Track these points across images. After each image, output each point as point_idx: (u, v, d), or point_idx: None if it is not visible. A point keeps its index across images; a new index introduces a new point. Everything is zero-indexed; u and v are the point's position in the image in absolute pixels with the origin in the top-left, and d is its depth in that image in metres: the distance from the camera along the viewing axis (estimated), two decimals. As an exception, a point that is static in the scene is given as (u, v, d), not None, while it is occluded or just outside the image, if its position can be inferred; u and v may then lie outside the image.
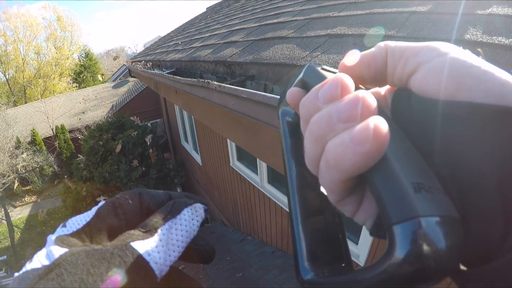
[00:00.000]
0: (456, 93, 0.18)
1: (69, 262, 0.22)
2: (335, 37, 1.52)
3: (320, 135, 0.20)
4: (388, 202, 0.17)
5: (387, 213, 0.17)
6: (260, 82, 1.64)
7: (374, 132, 0.17)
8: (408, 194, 0.17)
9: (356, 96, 0.19)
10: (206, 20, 5.18)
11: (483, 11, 1.19)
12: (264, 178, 4.28)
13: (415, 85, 0.20)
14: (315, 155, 0.21)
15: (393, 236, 0.17)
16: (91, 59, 25.63)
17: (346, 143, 0.18)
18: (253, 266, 4.10)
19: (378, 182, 0.18)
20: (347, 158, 0.18)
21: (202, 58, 2.45)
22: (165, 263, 0.26)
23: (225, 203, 6.08)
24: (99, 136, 7.57)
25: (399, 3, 1.62)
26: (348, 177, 0.19)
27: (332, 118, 0.19)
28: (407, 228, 0.16)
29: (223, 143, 5.17)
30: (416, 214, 0.16)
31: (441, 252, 0.16)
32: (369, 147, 0.17)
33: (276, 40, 1.88)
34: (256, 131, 1.65)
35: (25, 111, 15.88)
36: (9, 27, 21.59)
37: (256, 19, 2.82)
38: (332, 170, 0.19)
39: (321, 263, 0.22)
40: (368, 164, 0.18)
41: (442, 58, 0.19)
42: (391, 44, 0.23)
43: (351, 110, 0.18)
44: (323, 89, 0.21)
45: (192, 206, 0.30)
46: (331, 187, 0.21)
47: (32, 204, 13.49)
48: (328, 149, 0.19)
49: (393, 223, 0.17)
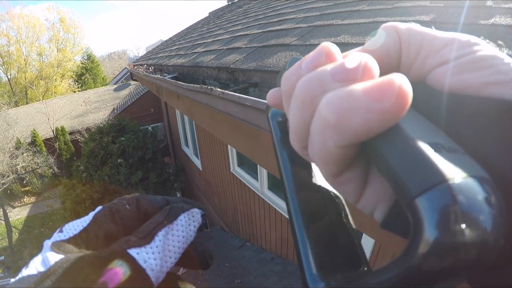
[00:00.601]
0: (484, 88, 0.16)
1: (64, 269, 0.22)
2: (339, 46, 1.50)
3: (309, 96, 0.17)
4: (402, 171, 0.14)
5: (403, 186, 0.14)
6: (263, 90, 1.64)
7: (400, 90, 0.14)
8: (427, 155, 0.13)
9: (357, 56, 0.16)
10: (209, 25, 5.20)
11: (486, 21, 1.20)
12: (264, 185, 4.28)
13: (436, 79, 0.18)
14: (303, 122, 0.18)
15: (417, 214, 0.13)
16: (93, 61, 25.73)
17: (357, 97, 0.15)
18: (252, 273, 4.08)
19: (385, 149, 0.15)
20: (356, 116, 0.15)
21: (205, 64, 2.46)
22: (162, 269, 0.26)
23: (224, 208, 6.08)
24: (99, 139, 7.57)
25: (402, 12, 1.63)
26: (350, 142, 0.16)
27: (325, 76, 0.16)
28: (434, 197, 0.13)
29: (224, 149, 5.18)
30: (443, 177, 0.13)
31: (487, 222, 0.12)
32: (390, 106, 0.14)
33: (279, 47, 1.89)
34: (258, 137, 1.64)
35: (26, 111, 15.92)
36: (12, 27, 21.68)
37: (259, 25, 2.83)
38: (330, 130, 0.16)
39: (333, 269, 0.19)
40: (382, 127, 0.15)
41: (470, 55, 0.18)
42: (401, 27, 0.20)
43: (350, 69, 0.16)
44: (306, 59, 0.19)
45: (189, 212, 0.30)
46: (326, 156, 0.17)
47: (31, 205, 13.48)
48: (325, 102, 0.16)
49: (414, 196, 0.13)
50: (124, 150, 7.32)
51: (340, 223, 0.21)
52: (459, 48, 0.18)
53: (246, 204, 4.97)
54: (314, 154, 0.18)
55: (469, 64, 0.17)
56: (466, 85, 0.17)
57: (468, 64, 0.17)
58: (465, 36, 0.18)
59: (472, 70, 0.17)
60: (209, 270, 4.45)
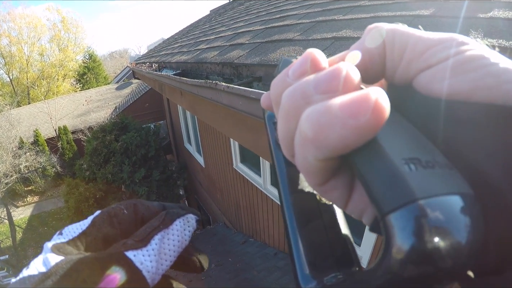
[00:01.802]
0: (473, 94, 0.16)
1: (64, 269, 0.23)
2: (341, 40, 1.55)
3: (293, 108, 0.17)
4: (375, 187, 0.14)
5: (376, 202, 0.14)
6: (267, 84, 1.66)
7: (376, 105, 0.14)
8: (401, 173, 0.14)
9: (338, 67, 0.16)
10: (211, 23, 5.21)
11: (484, 15, 1.21)
12: (267, 180, 4.29)
13: (420, 84, 0.18)
14: (288, 133, 0.18)
15: (388, 230, 0.13)
16: (95, 60, 25.66)
17: (334, 113, 0.15)
18: (255, 268, 4.10)
19: (362, 163, 0.15)
20: (332, 132, 0.15)
21: (208, 60, 2.48)
22: (157, 271, 0.27)
23: (227, 205, 6.08)
24: (102, 137, 7.58)
25: (403, 6, 1.65)
26: (328, 156, 0.16)
27: (308, 88, 0.16)
28: (403, 216, 0.13)
29: (226, 145, 5.19)
30: (413, 197, 0.13)
31: (457, 243, 0.13)
32: (365, 122, 0.14)
33: (282, 42, 1.91)
34: (262, 131, 1.67)
35: (29, 111, 15.92)
36: (13, 28, 21.64)
37: (261, 21, 2.85)
38: (308, 145, 0.16)
39: (325, 269, 0.19)
40: (358, 142, 0.15)
41: (456, 57, 0.17)
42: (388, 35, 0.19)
43: (331, 80, 0.16)
44: (293, 66, 0.19)
45: (184, 217, 0.31)
46: (307, 168, 0.18)
47: (34, 204, 13.52)
48: (304, 117, 0.16)
49: (385, 213, 0.14)
50: (127, 148, 7.32)
51: (333, 224, 0.21)
52: (445, 48, 0.17)
53: (249, 200, 4.99)
54: (297, 164, 0.18)
55: (457, 66, 0.16)
56: (455, 91, 0.16)
57: (456, 67, 0.16)
58: (452, 36, 0.18)
59: (460, 73, 0.16)
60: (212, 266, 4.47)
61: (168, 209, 0.32)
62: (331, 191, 0.19)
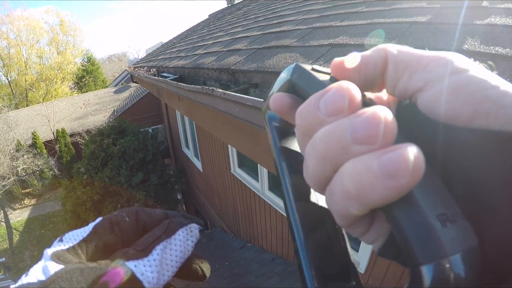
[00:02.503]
0: (472, 120, 0.16)
1: (64, 279, 0.23)
2: (337, 47, 1.55)
3: (329, 155, 0.17)
4: (412, 239, 0.16)
5: (412, 252, 0.16)
6: (263, 90, 1.66)
7: (414, 166, 0.15)
8: (435, 230, 0.15)
9: (376, 115, 0.16)
10: (209, 27, 5.22)
11: (481, 21, 1.22)
12: (265, 185, 4.29)
13: (424, 105, 0.18)
14: (322, 176, 0.18)
15: (420, 277, 0.16)
16: (93, 63, 25.69)
17: (375, 173, 0.15)
18: (253, 273, 4.09)
19: (399, 215, 0.16)
20: (374, 191, 0.15)
21: (205, 66, 2.48)
22: (159, 282, 0.26)
23: (225, 209, 6.08)
24: (100, 141, 7.57)
25: (399, 13, 1.65)
26: (368, 209, 0.17)
27: (345, 137, 0.16)
28: (436, 269, 0.15)
29: (224, 150, 5.19)
30: (445, 254, 0.15)
31: (466, 284, 0.15)
32: (404, 183, 0.15)
33: (279, 48, 1.91)
34: (259, 138, 1.66)
35: (27, 114, 15.91)
36: (12, 30, 21.71)
37: (259, 27, 2.86)
38: (351, 200, 0.16)
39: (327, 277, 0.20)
40: (396, 198, 0.16)
41: (455, 78, 0.17)
42: (392, 50, 0.20)
43: (370, 131, 0.16)
44: (325, 98, 0.18)
45: (188, 227, 0.31)
46: (344, 215, 0.18)
47: (32, 207, 13.48)
48: (347, 174, 0.16)
49: (420, 263, 0.16)
50: (125, 152, 7.30)
51: (336, 233, 0.22)
52: (444, 66, 0.18)
53: (246, 205, 4.98)
54: (332, 206, 0.19)
55: (458, 88, 0.17)
56: (456, 116, 0.17)
57: (457, 89, 0.17)
58: (449, 55, 0.18)
59: (461, 95, 0.17)
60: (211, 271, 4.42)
61: (170, 218, 0.31)
62: (355, 227, 0.20)
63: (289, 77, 0.23)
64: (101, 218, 0.30)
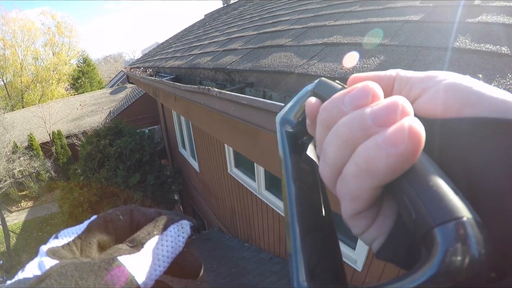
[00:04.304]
0: (461, 110, 0.19)
1: (59, 273, 0.23)
2: (331, 46, 1.56)
3: (350, 138, 0.19)
4: (427, 202, 0.16)
5: (426, 214, 0.16)
6: (259, 89, 1.67)
7: (409, 133, 0.17)
8: (450, 193, 0.16)
9: (395, 101, 0.18)
10: (205, 28, 5.22)
11: (473, 19, 1.23)
12: (261, 185, 4.29)
13: (420, 108, 0.21)
14: (340, 161, 0.20)
15: (434, 240, 0.15)
16: (89, 64, 25.63)
17: (379, 145, 0.17)
18: (250, 273, 4.08)
19: (412, 184, 0.17)
20: (380, 161, 0.17)
21: (201, 65, 2.48)
22: (150, 277, 0.27)
23: (222, 209, 6.07)
24: (96, 142, 7.54)
25: (393, 12, 1.67)
26: (381, 183, 0.18)
27: (366, 120, 0.18)
28: (453, 228, 0.15)
29: (221, 150, 5.18)
30: (461, 214, 0.15)
31: (483, 257, 0.15)
32: (403, 149, 0.17)
33: (274, 48, 1.92)
34: (254, 136, 1.67)
35: (23, 116, 15.83)
36: (7, 31, 21.60)
37: (254, 27, 2.86)
38: (363, 175, 0.18)
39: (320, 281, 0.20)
40: (403, 167, 0.17)
41: (445, 82, 0.20)
42: (400, 72, 0.23)
43: (389, 114, 0.18)
44: (351, 94, 0.21)
45: (179, 223, 0.31)
46: (358, 195, 0.19)
47: (28, 209, 13.42)
48: (359, 152, 0.18)
49: (435, 225, 0.15)
50: (122, 152, 7.28)
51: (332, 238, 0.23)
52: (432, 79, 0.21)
53: (243, 205, 4.97)
54: (344, 191, 0.20)
55: (447, 88, 0.20)
56: (446, 108, 0.19)
57: (446, 88, 0.20)
58: (440, 72, 0.21)
59: (448, 94, 0.19)
60: (208, 271, 4.46)
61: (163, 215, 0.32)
62: (360, 219, 0.21)
63: (313, 87, 0.25)
64: (95, 216, 0.31)
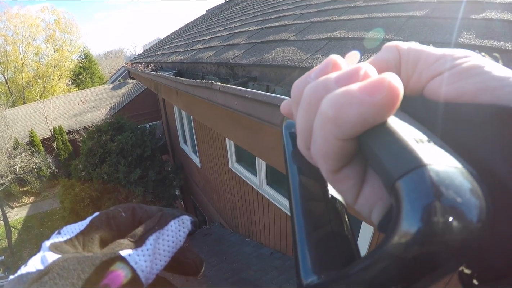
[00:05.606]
0: (478, 95, 0.17)
1: (61, 267, 0.24)
2: (335, 41, 1.56)
3: (314, 98, 0.18)
4: (385, 158, 0.15)
5: (386, 171, 0.15)
6: (262, 83, 1.67)
7: (389, 85, 0.16)
8: (408, 144, 0.15)
9: (358, 66, 0.18)
10: (207, 23, 5.21)
11: (477, 16, 1.23)
12: (263, 180, 4.30)
13: (433, 90, 0.19)
14: (308, 122, 0.19)
15: (398, 196, 0.13)
16: (90, 60, 25.57)
17: (353, 93, 0.16)
18: (251, 268, 4.10)
19: (374, 140, 0.16)
20: (351, 109, 0.16)
21: (204, 60, 2.48)
22: (152, 271, 0.27)
23: (223, 205, 6.09)
24: (98, 137, 7.55)
25: (397, 7, 1.66)
26: (348, 134, 0.17)
27: (330, 82, 0.18)
28: (412, 179, 0.13)
29: (222, 145, 5.19)
30: (422, 163, 0.13)
31: (460, 212, 0.12)
32: (380, 99, 0.16)
33: (277, 42, 1.92)
34: (257, 131, 1.68)
35: (24, 111, 15.84)
36: (9, 27, 21.56)
37: (257, 22, 2.86)
38: (329, 124, 0.17)
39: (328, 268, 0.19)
40: (375, 119, 0.16)
41: (462, 64, 0.18)
42: (402, 46, 0.21)
43: (351, 76, 0.18)
44: (315, 69, 0.21)
45: (179, 218, 0.32)
46: (326, 150, 0.18)
47: (30, 205, 13.45)
48: (326, 100, 0.17)
49: (395, 179, 0.14)
50: (123, 148, 7.29)
51: (341, 232, 0.21)
52: (452, 59, 0.19)
53: (245, 200, 4.99)
54: (315, 150, 0.19)
55: (462, 72, 0.18)
56: (461, 93, 0.18)
57: (461, 72, 0.18)
58: (459, 50, 0.19)
59: (465, 77, 0.18)
60: (209, 266, 4.47)
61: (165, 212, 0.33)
62: (344, 179, 0.20)
63: None
64: (98, 212, 0.31)
